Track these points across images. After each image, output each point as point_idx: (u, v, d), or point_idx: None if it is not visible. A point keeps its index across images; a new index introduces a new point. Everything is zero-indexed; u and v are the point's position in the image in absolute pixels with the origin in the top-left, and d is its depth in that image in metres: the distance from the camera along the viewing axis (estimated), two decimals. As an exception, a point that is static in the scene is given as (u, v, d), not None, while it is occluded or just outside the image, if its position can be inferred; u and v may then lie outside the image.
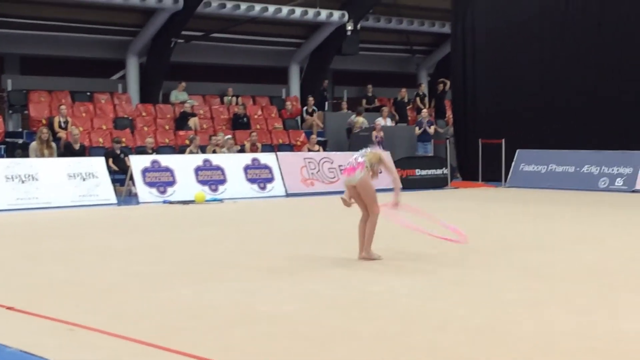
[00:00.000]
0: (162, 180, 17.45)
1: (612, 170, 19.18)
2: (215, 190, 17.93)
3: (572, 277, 7.70)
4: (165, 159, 17.97)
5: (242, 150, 20.78)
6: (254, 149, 21.10)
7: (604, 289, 7.04)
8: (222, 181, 18.19)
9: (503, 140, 21.12)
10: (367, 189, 8.52)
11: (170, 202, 16.80)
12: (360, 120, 24.19)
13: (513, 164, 21.02)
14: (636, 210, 14.50)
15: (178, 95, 24.28)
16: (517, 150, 21.00)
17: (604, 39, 20.39)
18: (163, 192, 17.27)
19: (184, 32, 24.30)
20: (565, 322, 5.80)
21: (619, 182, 18.93)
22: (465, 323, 5.80)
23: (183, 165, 17.97)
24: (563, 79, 21.11)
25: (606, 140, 19.73)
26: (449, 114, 26.48)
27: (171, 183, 17.53)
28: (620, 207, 15.20)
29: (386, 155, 8.43)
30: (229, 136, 21.06)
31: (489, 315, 6.04)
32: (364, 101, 26.63)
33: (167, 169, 17.64)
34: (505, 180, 20.92)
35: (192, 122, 22.79)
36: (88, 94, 23.42)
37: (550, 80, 21.41)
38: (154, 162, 17.61)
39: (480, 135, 21.69)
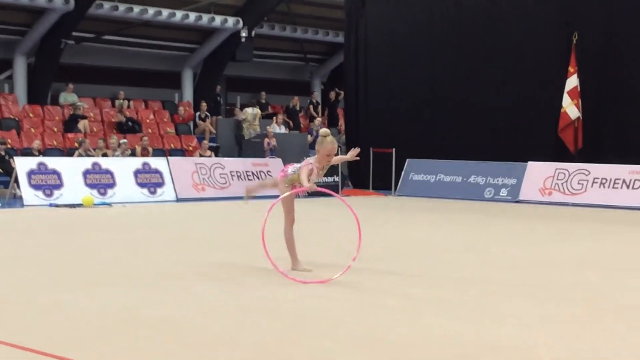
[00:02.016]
0: (48, 183, 17.07)
1: (497, 180, 19.69)
2: (104, 194, 17.65)
3: (454, 284, 7.86)
4: (52, 162, 17.60)
5: (132, 154, 20.51)
6: (144, 153, 20.86)
7: (484, 297, 7.21)
8: (112, 185, 17.93)
9: (394, 150, 21.44)
10: (284, 199, 8.40)
11: (57, 206, 16.46)
12: (250, 112, 24.22)
13: (403, 173, 21.35)
14: (519, 220, 14.91)
15: (67, 97, 23.82)
16: (407, 160, 21.34)
17: (492, 53, 20.94)
18: (49, 195, 16.90)
19: (74, 33, 23.86)
20: (441, 328, 5.91)
21: (503, 192, 19.44)
22: (348, 330, 5.86)
23: (71, 168, 17.62)
24: (452, 91, 21.60)
25: (492, 152, 20.25)
26: (342, 122, 26.75)
27: (58, 186, 17.17)
28: (504, 216, 15.61)
29: (305, 170, 8.04)
30: (125, 140, 20.77)
31: (372, 322, 6.11)
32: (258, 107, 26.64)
33: (54, 172, 17.27)
34: (395, 189, 21.23)
35: (82, 124, 22.39)
36: (-27, 93, 22.79)
37: (439, 92, 21.88)
38: (41, 164, 17.23)
39: (371, 144, 21.96)
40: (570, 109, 18.98)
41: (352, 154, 8.48)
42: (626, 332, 5.91)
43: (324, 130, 8.24)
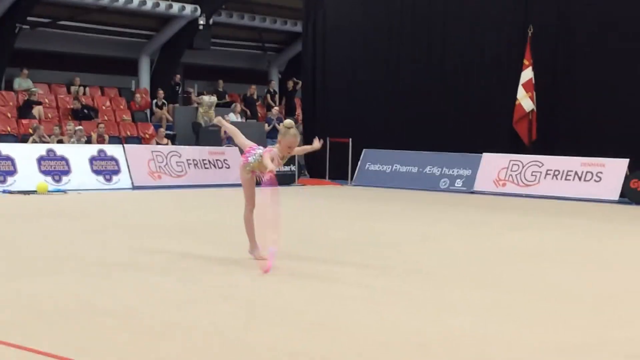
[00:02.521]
0: (2, 169, 16.90)
1: (453, 171, 19.88)
2: (58, 181, 17.52)
3: (409, 274, 7.96)
4: (5, 148, 17.40)
5: (88, 142, 20.37)
6: (100, 141, 20.73)
7: (438, 287, 7.31)
8: (67, 172, 17.79)
9: (350, 140, 21.53)
10: (243, 185, 8.40)
11: (10, 192, 16.30)
12: (206, 99, 24.27)
13: (359, 163, 21.45)
14: (473, 210, 15.08)
15: (22, 82, 23.56)
16: (364, 150, 21.45)
17: (448, 44, 21.12)
18: (2, 182, 16.73)
19: (29, 18, 23.57)
20: (396, 317, 6.00)
21: (458, 183, 19.63)
22: (303, 318, 5.93)
23: (25, 154, 17.45)
24: (409, 82, 21.74)
25: (448, 143, 20.44)
26: (299, 111, 26.78)
27: (12, 172, 16.99)
28: (458, 207, 15.77)
29: (267, 156, 8.02)
30: (80, 127, 20.59)
31: (327, 311, 6.18)
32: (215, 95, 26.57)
33: (8, 158, 17.09)
34: (352, 179, 21.33)
35: (37, 110, 22.17)
36: None
37: (396, 82, 22.01)
38: (-6, 150, 17.05)
39: (328, 134, 21.93)
40: (525, 101, 19.20)
41: (316, 144, 8.50)
42: (577, 319, 6.04)
43: (288, 122, 8.26)
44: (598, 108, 18.72)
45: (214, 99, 25.08)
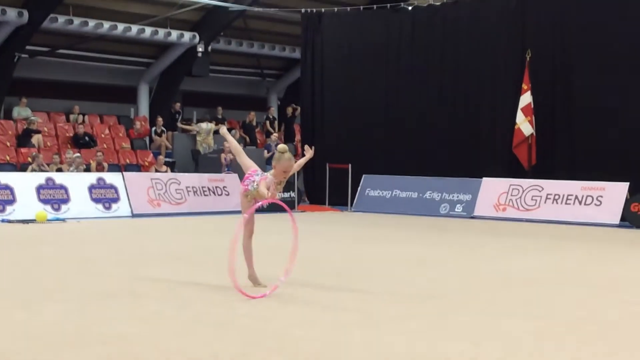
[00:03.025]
0: (1, 198, 16.87)
1: (453, 196, 19.85)
2: (57, 209, 17.49)
3: (408, 298, 7.90)
4: (4, 177, 17.39)
5: (87, 170, 20.35)
6: (99, 169, 20.70)
7: (437, 311, 7.25)
8: (66, 200, 17.76)
9: (350, 165, 21.52)
10: (242, 211, 8.37)
11: (10, 221, 16.27)
12: (203, 127, 24.34)
13: (359, 188, 21.43)
14: (473, 235, 15.03)
15: (21, 111, 23.57)
16: (363, 176, 21.43)
17: (447, 69, 21.16)
18: (2, 211, 16.72)
19: (28, 47, 23.63)
20: (395, 343, 5.94)
21: (458, 208, 19.59)
22: (302, 346, 5.86)
23: (24, 183, 17.45)
24: (407, 107, 21.78)
25: (448, 168, 20.45)
26: (298, 138, 26.78)
27: (11, 202, 16.98)
28: (458, 232, 15.72)
29: (263, 184, 8.06)
30: (78, 154, 20.58)
31: (326, 338, 6.12)
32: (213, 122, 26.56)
33: (7, 187, 17.07)
34: (352, 205, 21.29)
35: (36, 139, 22.17)
36: None
37: (395, 108, 22.06)
38: (-7, 179, 17.04)
39: (328, 160, 22.02)
40: (524, 125, 19.20)
41: (309, 153, 8.53)
42: (577, 345, 5.98)
43: (281, 147, 8.24)
44: (597, 131, 18.72)
45: (211, 125, 25.09)
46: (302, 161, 8.79)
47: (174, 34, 25.30)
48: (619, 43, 18.54)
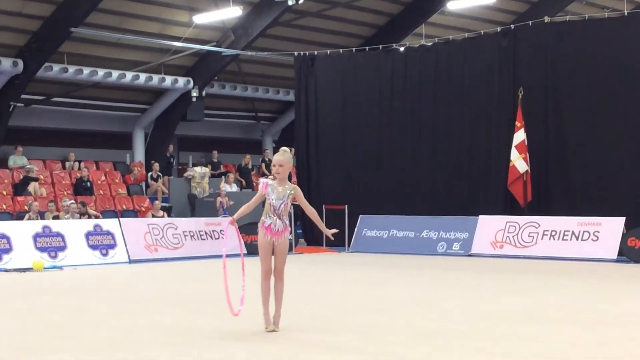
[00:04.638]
0: (-2, 247, 16.85)
1: (450, 235, 19.84)
2: (54, 257, 17.45)
3: (407, 339, 7.88)
4: (1, 225, 17.37)
5: (86, 215, 20.36)
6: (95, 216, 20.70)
7: (436, 351, 7.23)
8: (62, 248, 17.74)
9: (346, 206, 21.53)
10: (259, 248, 8.36)
11: (6, 270, 16.22)
12: (198, 171, 24.43)
13: (356, 229, 21.42)
14: (471, 273, 15.01)
15: (16, 159, 23.62)
16: (360, 216, 21.44)
17: (438, 107, 21.28)
18: (-2, 260, 16.67)
19: (23, 96, 23.76)
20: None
21: (456, 246, 19.58)
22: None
23: (20, 231, 17.42)
24: (402, 147, 21.85)
25: (444, 207, 20.48)
26: (294, 179, 26.80)
27: (7, 250, 16.95)
28: (456, 270, 15.70)
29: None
30: (73, 202, 20.60)
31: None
32: (209, 166, 26.61)
33: (4, 236, 17.05)
34: (349, 246, 21.27)
35: (32, 187, 22.20)
36: None
37: (390, 148, 22.11)
38: (-11, 228, 17.02)
39: (324, 201, 22.01)
40: (519, 162, 19.25)
41: (330, 232, 8.50)
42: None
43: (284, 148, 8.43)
44: (592, 167, 18.78)
45: (205, 170, 25.15)
46: (319, 221, 8.64)
47: (168, 79, 25.46)
48: (612, 78, 18.66)
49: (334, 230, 8.61)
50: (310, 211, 8.56)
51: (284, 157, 8.28)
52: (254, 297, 8.36)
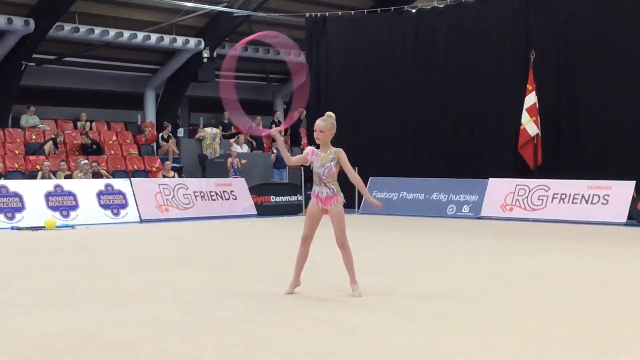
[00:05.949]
0: (10, 206, 16.98)
1: (459, 197, 19.88)
2: (66, 216, 17.58)
3: (417, 299, 7.94)
4: (13, 184, 17.50)
5: (98, 175, 20.44)
6: (97, 177, 20.63)
7: (440, 313, 7.29)
8: (74, 207, 17.86)
9: (356, 168, 21.48)
10: (343, 217, 8.30)
11: (19, 229, 16.37)
12: (209, 132, 24.46)
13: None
14: (481, 236, 15.05)
15: (28, 119, 23.70)
16: (370, 178, 21.46)
17: (451, 71, 21.20)
18: (11, 218, 16.81)
19: (35, 55, 23.77)
20: (404, 344, 5.99)
21: (465, 209, 19.62)
22: (308, 348, 5.92)
23: (33, 190, 17.54)
24: (413, 109, 21.82)
25: (454, 169, 20.48)
26: (305, 141, 26.83)
27: (20, 209, 17.08)
28: (466, 232, 15.75)
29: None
30: (86, 161, 20.68)
31: (333, 340, 6.18)
32: (220, 127, 26.63)
33: (16, 194, 17.18)
34: (359, 207, 21.33)
35: (48, 146, 22.31)
36: None
37: (401, 110, 22.08)
38: (2, 187, 17.13)
39: (334, 163, 21.96)
40: (530, 125, 19.21)
41: (375, 203, 8.29)
42: (583, 345, 6.03)
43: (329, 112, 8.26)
44: (603, 130, 18.74)
45: (216, 131, 25.18)
46: (363, 191, 8.45)
47: (180, 40, 25.42)
48: (625, 42, 18.56)
49: (379, 203, 8.35)
50: (355, 177, 8.24)
51: (325, 122, 8.08)
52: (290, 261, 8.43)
